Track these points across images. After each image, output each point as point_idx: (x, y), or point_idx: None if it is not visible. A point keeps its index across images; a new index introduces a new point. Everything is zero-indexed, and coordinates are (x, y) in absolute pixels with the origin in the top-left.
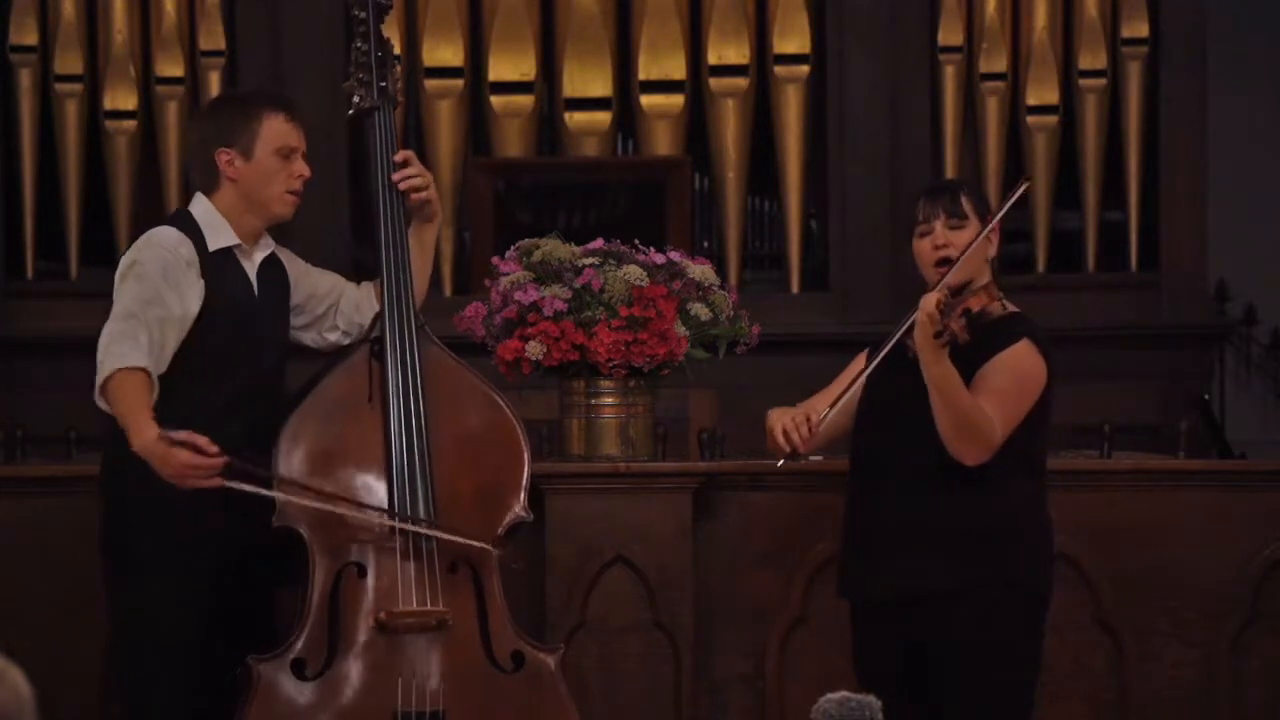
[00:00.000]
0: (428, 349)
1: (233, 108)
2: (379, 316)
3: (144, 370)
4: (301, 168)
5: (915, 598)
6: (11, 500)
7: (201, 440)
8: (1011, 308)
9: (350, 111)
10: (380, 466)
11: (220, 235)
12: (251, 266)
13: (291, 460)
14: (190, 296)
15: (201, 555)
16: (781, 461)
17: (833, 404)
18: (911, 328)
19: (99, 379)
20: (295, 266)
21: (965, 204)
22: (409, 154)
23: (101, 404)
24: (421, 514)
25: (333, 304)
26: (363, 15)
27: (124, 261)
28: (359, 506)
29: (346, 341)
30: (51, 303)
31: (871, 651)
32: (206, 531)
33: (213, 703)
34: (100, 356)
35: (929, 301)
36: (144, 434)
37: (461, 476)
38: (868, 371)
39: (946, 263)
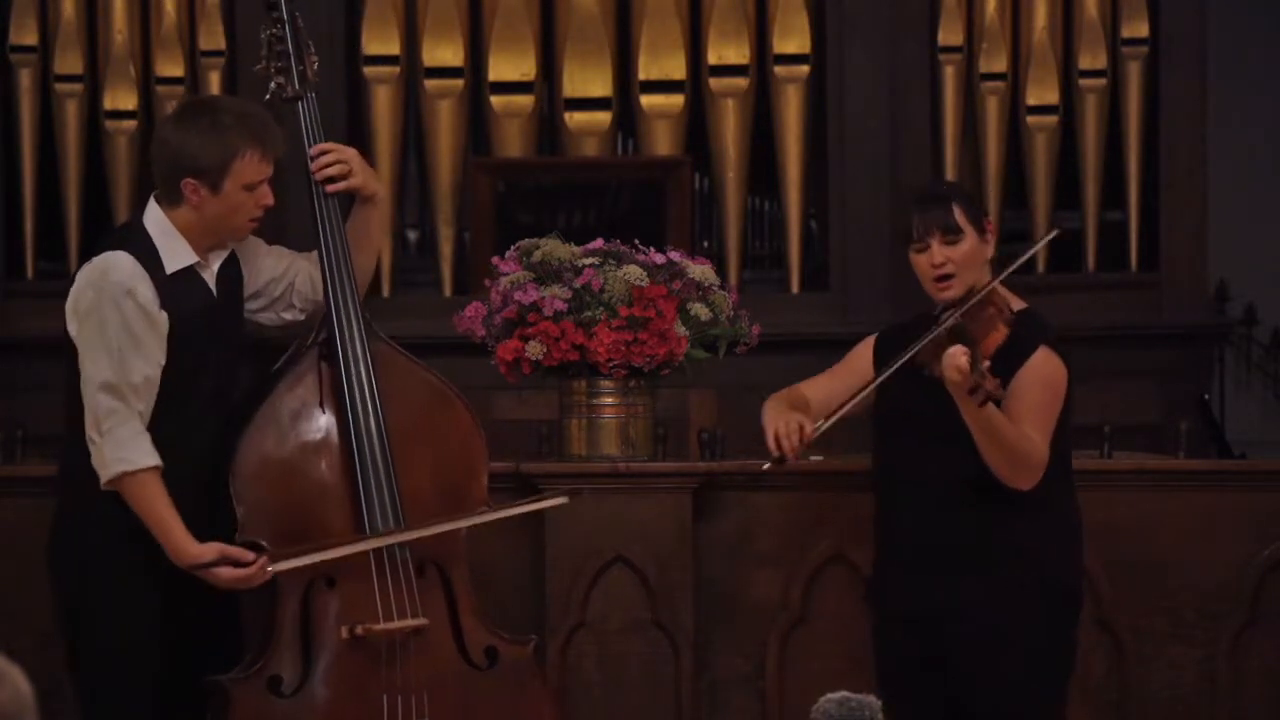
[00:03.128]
0: (376, 347)
1: (207, 134)
2: (324, 318)
3: (155, 468)
4: (266, 196)
5: (953, 611)
6: (11, 500)
7: (233, 551)
8: (1018, 305)
9: (267, 97)
10: (341, 472)
11: (178, 255)
12: (211, 276)
13: (251, 477)
14: (158, 345)
15: (156, 567)
16: (767, 465)
17: (829, 417)
18: (925, 348)
19: (104, 475)
20: (248, 252)
21: (959, 216)
22: (324, 145)
23: (106, 488)
24: (391, 519)
25: (289, 284)
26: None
27: (79, 297)
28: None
29: (301, 318)
30: (51, 303)
31: (901, 665)
32: (148, 546)
33: (175, 715)
34: (97, 439)
35: (958, 358)
36: (180, 556)
37: (421, 474)
38: (877, 383)
39: (947, 278)
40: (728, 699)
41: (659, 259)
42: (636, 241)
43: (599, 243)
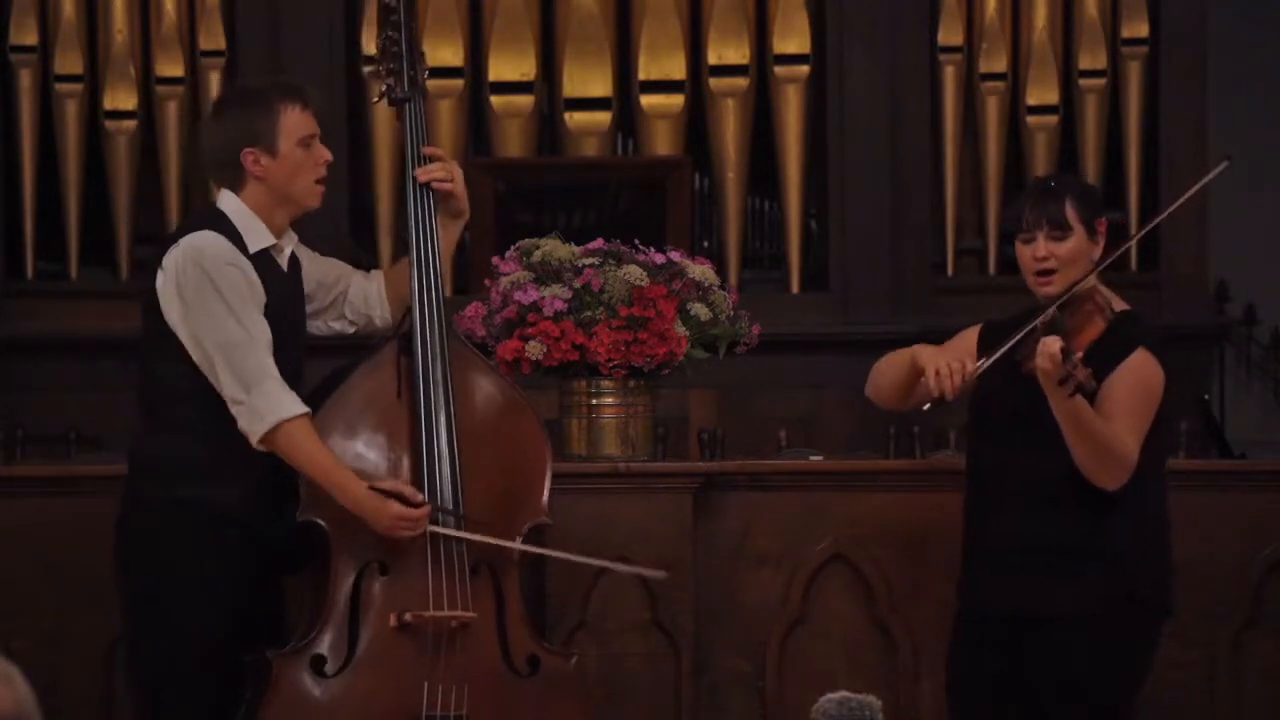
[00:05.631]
0: (456, 348)
1: (249, 105)
2: (408, 312)
3: (307, 415)
4: (323, 153)
5: (1035, 614)
6: (11, 500)
7: (407, 490)
8: (1120, 306)
9: (376, 100)
10: (408, 465)
11: (257, 236)
12: (285, 262)
13: None
14: (262, 317)
15: (224, 553)
16: (928, 405)
17: (987, 359)
18: (1027, 337)
19: (259, 429)
20: (303, 254)
21: (1070, 213)
22: (435, 149)
23: (260, 447)
24: (450, 515)
25: (341, 293)
26: (393, 3)
27: (181, 279)
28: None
29: (351, 331)
30: (51, 303)
31: (975, 667)
32: (231, 530)
33: (222, 693)
34: (244, 398)
35: (1051, 346)
36: (353, 491)
37: (486, 476)
38: (985, 366)
39: (1047, 273)
40: (728, 699)
41: (659, 259)
42: (636, 241)
43: (599, 243)
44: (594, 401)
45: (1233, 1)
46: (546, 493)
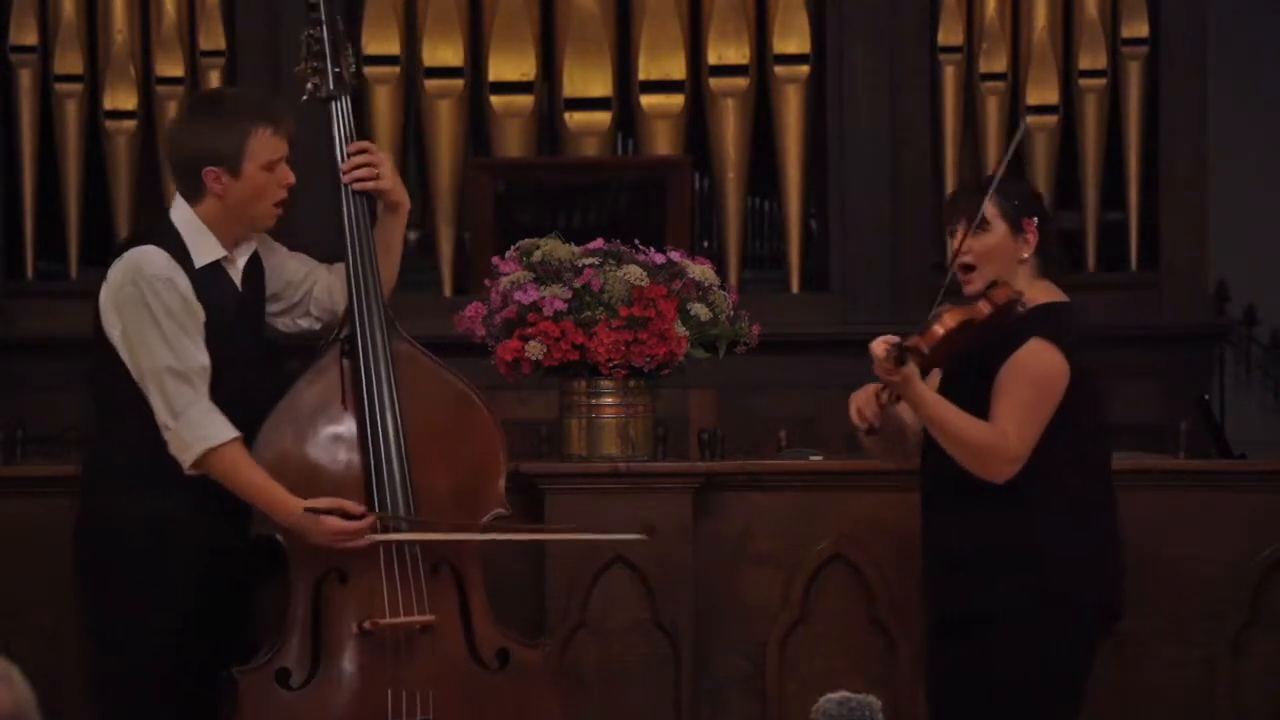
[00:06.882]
0: (399, 346)
1: (217, 121)
2: (347, 314)
3: (238, 439)
4: (286, 175)
5: (969, 618)
6: (11, 500)
7: (348, 504)
8: (1047, 299)
9: (304, 99)
10: (358, 468)
11: (206, 250)
12: (237, 273)
13: (268, 470)
14: (200, 335)
15: (179, 564)
16: (864, 438)
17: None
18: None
19: (187, 457)
20: (270, 254)
21: (990, 208)
22: (362, 144)
23: (192, 471)
24: (402, 515)
25: (307, 291)
26: (314, 1)
27: (118, 294)
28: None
29: (318, 327)
30: (51, 303)
31: (937, 672)
32: (184, 540)
33: (192, 711)
34: (172, 425)
35: (875, 348)
36: (288, 510)
37: (438, 474)
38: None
39: (968, 269)
40: (728, 699)
41: (659, 259)
42: (636, 241)
43: (599, 243)
44: (594, 401)
45: (1233, 1)
46: (503, 482)
